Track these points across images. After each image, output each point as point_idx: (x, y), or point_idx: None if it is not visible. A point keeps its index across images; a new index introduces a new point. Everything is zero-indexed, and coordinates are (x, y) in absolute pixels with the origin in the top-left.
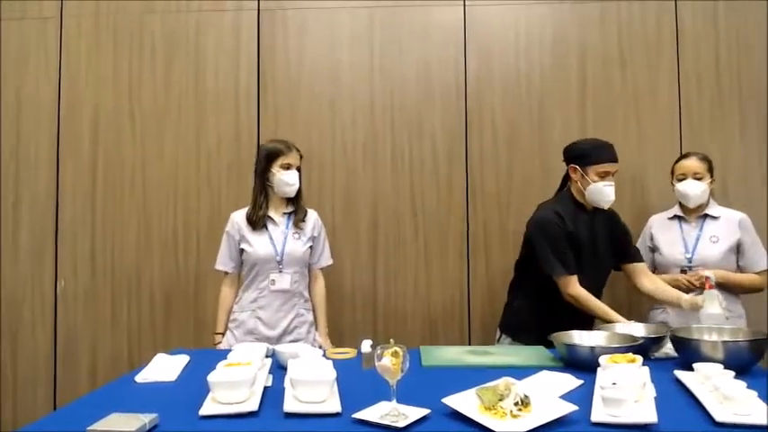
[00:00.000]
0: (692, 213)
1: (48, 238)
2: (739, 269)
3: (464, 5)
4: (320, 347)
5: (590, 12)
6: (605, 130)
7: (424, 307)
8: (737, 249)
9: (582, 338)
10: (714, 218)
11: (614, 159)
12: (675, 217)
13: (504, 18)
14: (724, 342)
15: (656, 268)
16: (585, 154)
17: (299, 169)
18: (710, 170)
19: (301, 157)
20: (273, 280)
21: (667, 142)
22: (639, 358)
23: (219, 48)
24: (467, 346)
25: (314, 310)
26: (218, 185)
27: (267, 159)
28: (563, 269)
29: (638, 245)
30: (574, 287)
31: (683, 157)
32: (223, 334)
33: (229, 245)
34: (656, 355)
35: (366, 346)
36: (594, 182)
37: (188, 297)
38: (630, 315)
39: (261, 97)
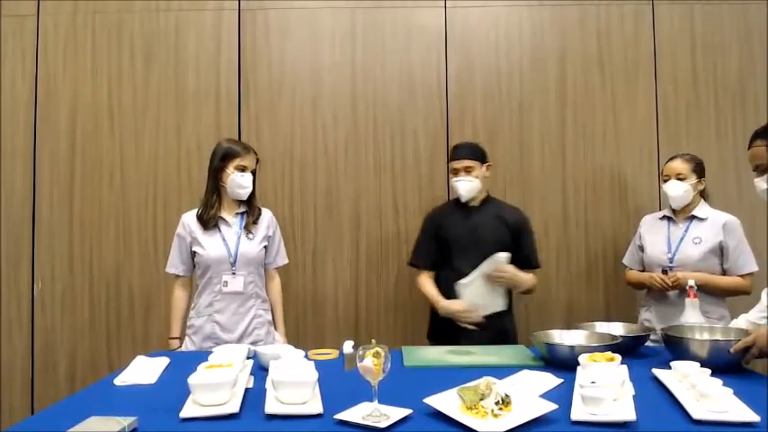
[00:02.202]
0: (680, 214)
1: (24, 239)
2: (724, 272)
3: (445, 7)
4: None
5: (569, 14)
6: (583, 130)
7: (406, 307)
8: (721, 252)
9: (562, 338)
10: (701, 219)
11: (462, 157)
12: (665, 217)
13: (484, 20)
14: (711, 341)
15: (644, 267)
16: (449, 156)
17: (254, 173)
18: (697, 171)
19: (258, 160)
20: (226, 281)
21: (645, 143)
22: (618, 357)
23: (200, 47)
24: (448, 346)
25: (272, 311)
26: (199, 186)
27: (222, 159)
28: (414, 258)
29: (630, 244)
30: (419, 275)
31: (670, 159)
32: (180, 339)
33: (180, 247)
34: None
35: (348, 347)
36: (452, 178)
37: (168, 298)
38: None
39: (242, 97)
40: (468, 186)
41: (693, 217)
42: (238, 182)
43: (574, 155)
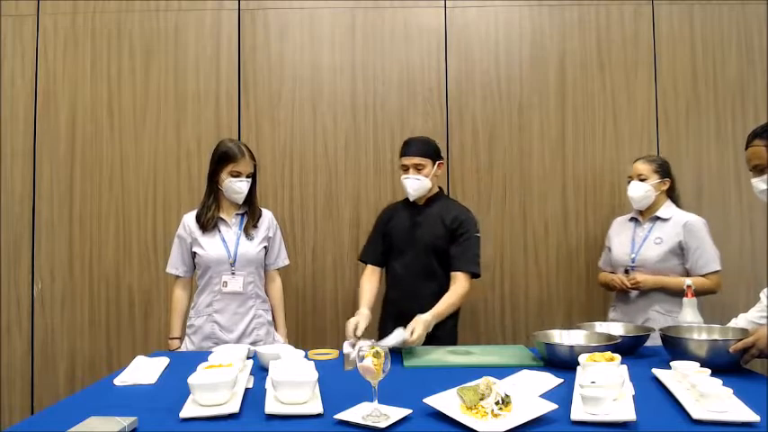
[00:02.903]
0: (645, 215)
1: (24, 239)
2: (686, 272)
3: (445, 7)
4: None
5: (568, 14)
6: (583, 130)
7: None
8: (681, 252)
9: (562, 338)
10: (664, 220)
11: (413, 153)
12: (633, 219)
13: (484, 20)
14: (711, 341)
15: (612, 268)
16: (400, 149)
17: (251, 176)
18: (660, 171)
19: (255, 165)
20: (225, 282)
21: (645, 143)
22: (618, 357)
23: (199, 47)
24: (448, 346)
25: (272, 311)
26: (199, 186)
27: (218, 162)
28: (361, 253)
29: (605, 246)
30: (364, 272)
31: (636, 160)
32: (180, 339)
33: (181, 248)
34: None
35: (348, 347)
36: (401, 174)
37: (168, 298)
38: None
39: (242, 97)
40: (416, 185)
41: (657, 218)
42: (232, 187)
43: (574, 155)
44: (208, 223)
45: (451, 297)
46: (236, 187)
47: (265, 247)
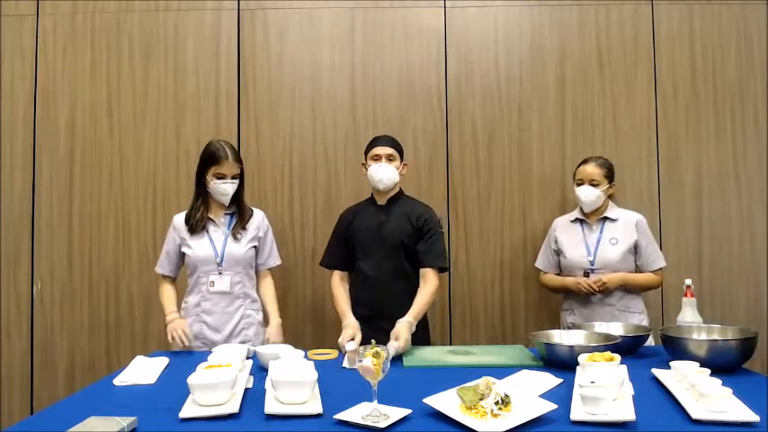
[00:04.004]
0: (593, 216)
1: (24, 239)
2: (637, 269)
3: (444, 7)
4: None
5: (568, 15)
6: (583, 131)
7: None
8: (635, 250)
9: (561, 338)
10: (613, 220)
11: (387, 144)
12: (577, 220)
13: (484, 20)
14: (710, 341)
15: (561, 271)
16: (366, 147)
17: (237, 177)
18: (609, 176)
19: (242, 167)
20: (213, 281)
21: (644, 143)
22: (618, 357)
23: (199, 47)
24: (448, 345)
25: (264, 308)
26: None
27: (204, 164)
28: (323, 258)
29: (543, 247)
30: (331, 279)
31: (583, 162)
32: (178, 313)
33: (169, 247)
34: None
35: (351, 345)
36: (370, 166)
37: None
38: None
39: (241, 97)
40: (389, 174)
41: (606, 218)
42: (217, 189)
43: (573, 155)
44: (197, 225)
45: (425, 296)
46: (221, 189)
47: (255, 247)
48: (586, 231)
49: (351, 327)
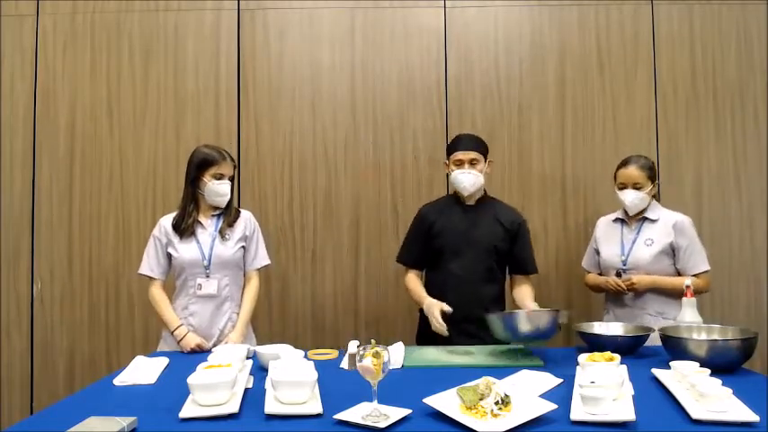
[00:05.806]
0: (633, 217)
1: (24, 239)
2: (677, 272)
3: (444, 7)
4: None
5: (568, 15)
6: (583, 130)
7: (405, 307)
8: (673, 252)
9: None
10: (652, 221)
11: (469, 148)
12: (618, 220)
13: (484, 20)
14: (710, 341)
15: (600, 270)
16: (449, 146)
17: (232, 178)
18: (651, 177)
19: (235, 167)
20: (200, 284)
21: (644, 143)
22: (618, 357)
23: (199, 47)
24: (448, 346)
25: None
26: None
27: (199, 167)
28: (401, 256)
29: (588, 247)
30: (406, 274)
31: (624, 164)
32: (183, 325)
33: (156, 249)
34: None
35: (353, 346)
36: (452, 171)
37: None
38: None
39: (241, 97)
40: (473, 180)
41: (645, 218)
42: (216, 190)
43: (573, 155)
44: (187, 229)
45: (533, 297)
46: (220, 189)
47: (243, 247)
48: (625, 231)
49: (432, 303)
